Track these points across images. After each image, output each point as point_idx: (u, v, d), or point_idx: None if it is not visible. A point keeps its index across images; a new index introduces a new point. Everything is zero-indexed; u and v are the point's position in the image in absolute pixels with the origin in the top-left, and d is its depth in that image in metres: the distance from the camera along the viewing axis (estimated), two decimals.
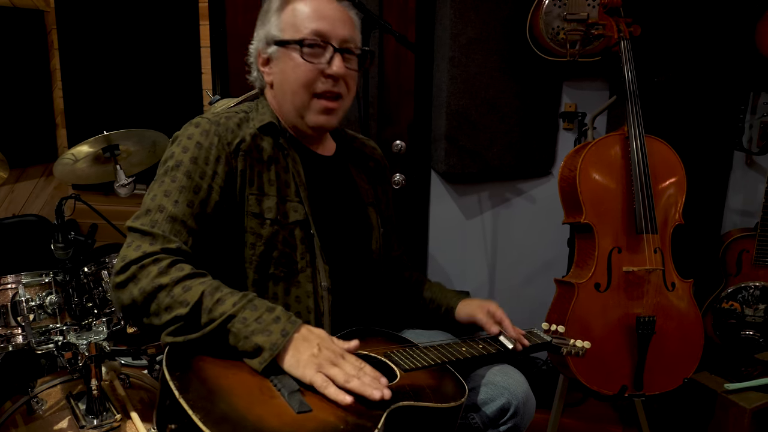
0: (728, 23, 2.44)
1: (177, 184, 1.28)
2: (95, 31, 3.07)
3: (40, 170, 3.24)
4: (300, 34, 1.37)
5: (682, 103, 2.55)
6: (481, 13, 2.58)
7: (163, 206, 1.25)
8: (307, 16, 1.38)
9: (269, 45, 1.41)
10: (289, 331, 1.16)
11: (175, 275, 1.17)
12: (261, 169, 1.38)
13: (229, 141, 1.35)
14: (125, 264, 1.19)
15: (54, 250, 1.97)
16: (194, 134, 1.34)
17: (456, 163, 2.71)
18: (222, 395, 1.05)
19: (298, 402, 1.06)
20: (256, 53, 1.46)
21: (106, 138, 2.10)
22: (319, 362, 1.13)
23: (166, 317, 1.16)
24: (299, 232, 1.39)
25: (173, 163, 1.31)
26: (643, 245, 2.03)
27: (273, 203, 1.36)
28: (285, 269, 1.37)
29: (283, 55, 1.40)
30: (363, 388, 1.10)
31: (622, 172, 2.06)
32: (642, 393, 2.05)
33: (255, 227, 1.35)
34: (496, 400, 1.43)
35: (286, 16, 1.39)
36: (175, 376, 1.06)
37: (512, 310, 2.91)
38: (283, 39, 1.39)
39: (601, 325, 2.02)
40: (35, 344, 1.92)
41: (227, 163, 1.33)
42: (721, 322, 2.42)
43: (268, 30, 1.41)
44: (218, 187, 1.31)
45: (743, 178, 2.66)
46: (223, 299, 1.17)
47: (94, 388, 1.84)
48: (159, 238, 1.22)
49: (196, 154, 1.31)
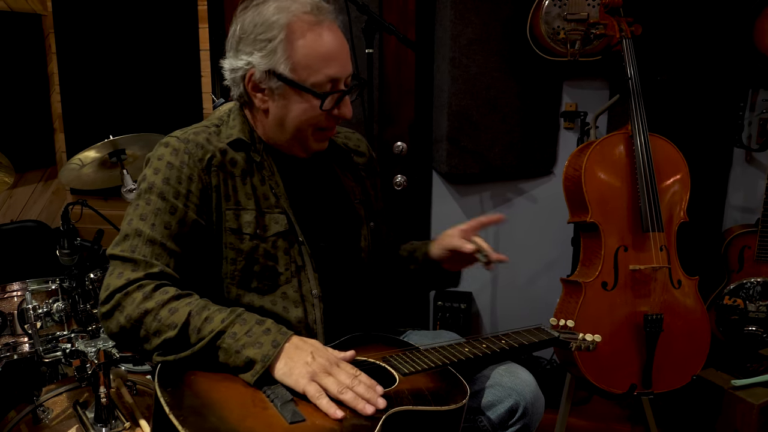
0: (727, 21, 2.46)
1: (152, 206, 1.27)
2: (93, 34, 3.05)
3: (38, 175, 3.21)
4: (315, 78, 1.31)
5: (682, 101, 2.57)
6: (481, 14, 2.58)
7: (140, 230, 1.24)
8: (322, 59, 1.31)
9: (272, 77, 1.32)
10: (280, 342, 1.16)
11: (160, 299, 1.17)
12: (235, 183, 1.35)
13: (200, 157, 1.31)
14: (109, 293, 1.19)
15: (60, 256, 1.96)
16: (164, 154, 1.31)
17: (458, 163, 2.71)
18: (214, 409, 1.05)
19: (290, 412, 1.05)
20: (245, 75, 1.34)
21: (113, 143, 2.09)
22: (312, 371, 1.12)
23: (156, 341, 1.16)
24: (282, 243, 1.36)
25: (146, 186, 1.29)
26: (649, 243, 2.04)
27: (252, 217, 1.34)
28: (268, 282, 1.35)
29: (291, 94, 1.33)
30: (355, 402, 1.08)
31: (627, 170, 2.07)
32: (651, 391, 2.05)
33: (234, 242, 1.33)
34: (503, 401, 1.40)
35: (296, 53, 1.30)
36: (166, 391, 1.06)
37: (516, 309, 2.96)
38: (296, 82, 1.31)
39: (608, 323, 2.02)
40: (42, 352, 1.90)
41: (200, 180, 1.30)
42: (725, 318, 2.44)
43: (272, 62, 1.31)
44: (194, 206, 1.29)
45: (743, 175, 2.68)
46: (211, 317, 1.17)
47: (102, 396, 1.82)
48: (141, 263, 1.21)
49: (168, 175, 1.29)
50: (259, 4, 1.34)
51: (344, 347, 1.27)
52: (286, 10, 1.31)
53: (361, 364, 1.24)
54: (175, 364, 1.16)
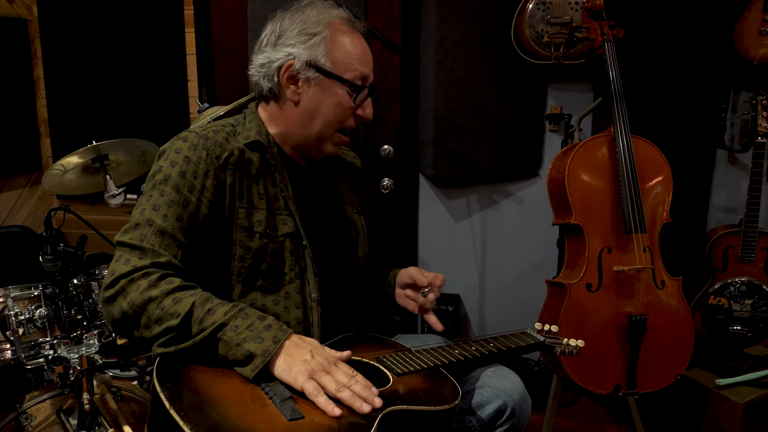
0: (708, 25, 2.48)
1: (166, 198, 1.29)
2: (79, 39, 3.05)
3: (24, 180, 3.20)
4: (351, 74, 1.41)
5: (665, 104, 2.59)
6: (466, 18, 2.60)
7: (152, 220, 1.26)
8: (358, 58, 1.42)
9: (310, 68, 1.39)
10: (280, 339, 1.18)
11: (165, 288, 1.19)
12: (250, 183, 1.39)
13: (217, 155, 1.35)
14: (114, 278, 1.20)
15: (42, 262, 1.95)
16: (182, 148, 1.34)
17: (444, 166, 2.72)
18: (213, 405, 1.05)
19: (290, 409, 1.07)
20: (283, 66, 1.41)
21: (96, 148, 2.08)
22: (311, 368, 1.14)
23: (157, 329, 1.17)
24: (289, 243, 1.40)
25: (161, 177, 1.31)
26: (632, 244, 2.05)
27: (263, 216, 1.38)
28: (273, 281, 1.38)
29: (327, 86, 1.40)
30: (352, 401, 1.11)
31: (610, 172, 2.09)
32: (636, 391, 2.07)
33: (244, 240, 1.35)
34: (492, 402, 1.44)
35: (337, 50, 1.40)
36: (165, 387, 1.07)
37: (502, 311, 2.97)
38: (335, 73, 1.40)
39: (593, 324, 2.04)
40: (24, 359, 1.89)
41: (216, 177, 1.34)
42: (710, 318, 2.45)
43: (314, 54, 1.39)
44: (207, 201, 1.32)
45: (726, 176, 2.71)
46: (213, 309, 1.18)
47: (85, 403, 1.81)
48: (149, 252, 1.23)
49: (185, 168, 1.32)
50: (300, 8, 1.44)
51: (338, 346, 1.30)
52: (328, 14, 1.43)
53: (355, 364, 1.27)
54: (175, 356, 1.17)
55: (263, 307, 1.37)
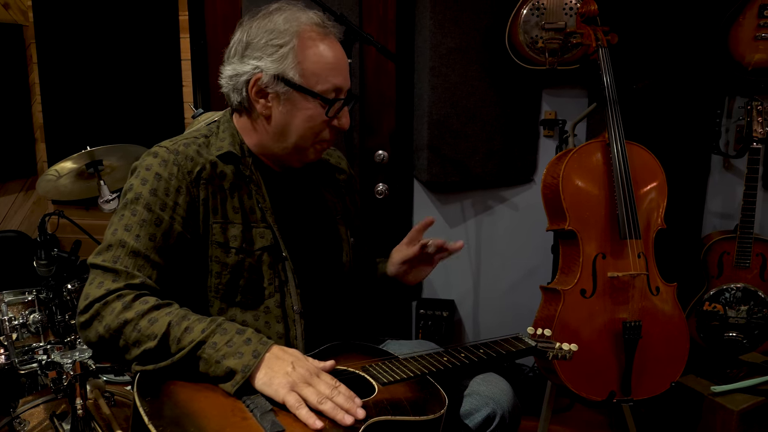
0: (703, 30, 2.48)
1: (137, 217, 1.26)
2: (74, 44, 3.05)
3: (19, 185, 3.20)
4: (323, 86, 1.34)
5: (659, 109, 2.59)
6: (460, 24, 2.60)
7: (124, 241, 1.23)
8: (330, 68, 1.35)
9: (279, 82, 1.33)
10: (261, 352, 1.16)
11: (140, 308, 1.17)
12: (224, 197, 1.35)
13: (189, 170, 1.31)
14: (88, 303, 1.18)
15: (36, 267, 1.95)
16: (153, 165, 1.31)
17: (439, 171, 2.72)
18: (193, 419, 1.04)
19: (270, 422, 1.05)
20: (251, 80, 1.34)
21: (90, 154, 2.08)
22: (292, 381, 1.13)
23: (136, 352, 1.16)
24: (267, 257, 1.37)
25: (132, 195, 1.28)
26: (627, 250, 2.05)
27: (238, 231, 1.35)
28: (252, 296, 1.36)
29: (298, 100, 1.34)
30: (335, 412, 1.09)
31: (604, 178, 2.09)
32: (630, 398, 2.06)
33: (220, 256, 1.33)
34: (480, 410, 1.41)
35: (306, 61, 1.33)
36: (146, 401, 1.06)
37: (498, 317, 2.96)
38: (305, 87, 1.33)
39: (587, 330, 2.03)
40: (18, 364, 1.89)
41: (188, 193, 1.30)
42: (705, 324, 2.45)
43: (282, 67, 1.32)
44: (180, 218, 1.29)
45: (721, 182, 2.71)
46: (191, 327, 1.17)
47: (78, 408, 1.81)
48: (122, 274, 1.21)
49: (156, 186, 1.28)
50: (267, 14, 1.37)
51: (323, 356, 1.27)
52: (297, 20, 1.35)
53: (340, 373, 1.25)
54: (155, 373, 1.15)
55: (243, 323, 1.34)
